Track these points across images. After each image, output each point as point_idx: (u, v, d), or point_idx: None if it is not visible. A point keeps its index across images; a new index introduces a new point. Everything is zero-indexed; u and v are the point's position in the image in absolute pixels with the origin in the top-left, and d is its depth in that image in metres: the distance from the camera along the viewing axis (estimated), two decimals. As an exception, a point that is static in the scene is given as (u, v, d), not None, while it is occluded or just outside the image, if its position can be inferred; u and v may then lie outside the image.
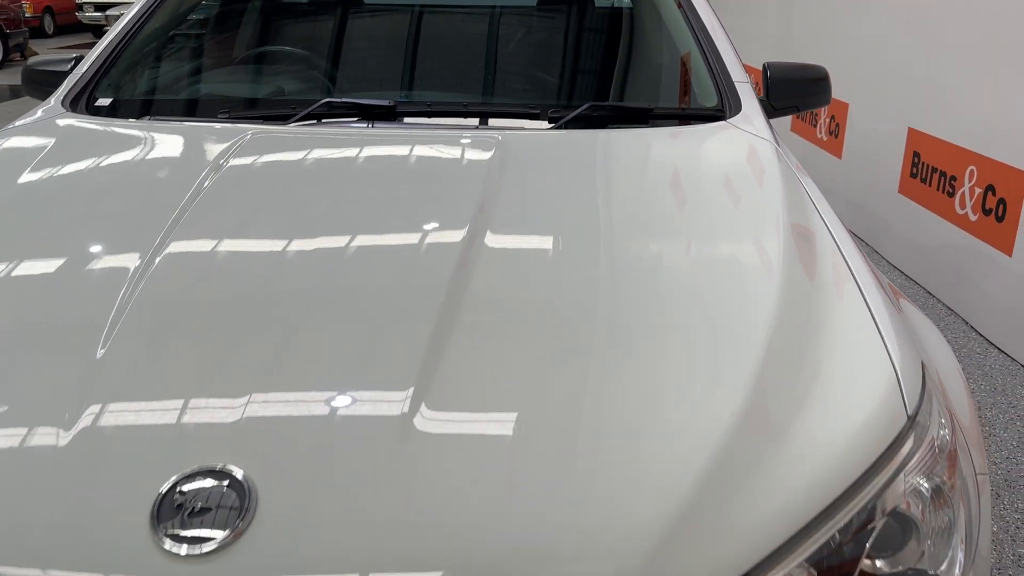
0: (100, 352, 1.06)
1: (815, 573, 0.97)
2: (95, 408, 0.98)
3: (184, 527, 0.86)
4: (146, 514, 0.87)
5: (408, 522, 0.88)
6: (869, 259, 1.52)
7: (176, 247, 1.29)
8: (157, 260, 1.25)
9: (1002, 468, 2.62)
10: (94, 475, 0.91)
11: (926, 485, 1.08)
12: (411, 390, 1.01)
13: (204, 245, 1.29)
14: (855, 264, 1.40)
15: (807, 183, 1.71)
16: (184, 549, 0.84)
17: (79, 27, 16.96)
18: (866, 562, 1.03)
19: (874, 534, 1.02)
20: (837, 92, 5.16)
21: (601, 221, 1.43)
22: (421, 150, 1.68)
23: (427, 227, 1.36)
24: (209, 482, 0.89)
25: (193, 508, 0.87)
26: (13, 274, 1.23)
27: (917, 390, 1.14)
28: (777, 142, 1.87)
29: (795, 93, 2.24)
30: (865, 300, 1.28)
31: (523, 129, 1.86)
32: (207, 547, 0.85)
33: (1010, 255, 3.40)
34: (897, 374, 1.13)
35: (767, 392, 1.07)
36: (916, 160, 4.19)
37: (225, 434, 0.95)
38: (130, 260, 1.26)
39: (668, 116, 1.99)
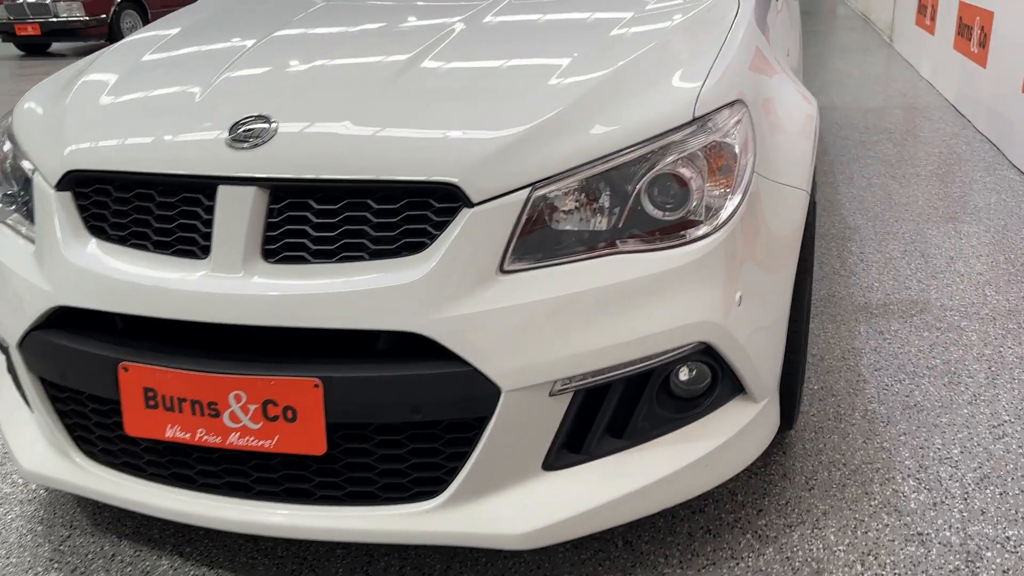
0: (225, 71, 1.86)
1: (603, 186, 1.57)
2: (216, 86, 1.80)
3: (240, 138, 1.61)
4: (224, 132, 1.63)
5: (360, 137, 1.58)
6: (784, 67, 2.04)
7: (279, 35, 2.09)
8: (265, 39, 2.06)
9: (989, 221, 2.94)
10: (201, 115, 1.70)
11: (703, 163, 1.64)
12: (403, 61, 1.77)
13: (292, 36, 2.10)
14: (745, 35, 1.94)
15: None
16: (236, 146, 1.60)
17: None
18: (655, 211, 1.61)
19: (647, 178, 1.59)
20: (983, 1, 5.24)
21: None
22: None
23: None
24: (257, 121, 1.64)
25: (246, 131, 1.62)
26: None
27: (713, 107, 1.68)
28: None
29: None
30: (718, 53, 1.83)
31: None
32: (249, 144, 1.59)
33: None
34: (700, 93, 1.68)
35: (603, 85, 1.67)
36: (1037, 58, 4.29)
37: (265, 98, 1.72)
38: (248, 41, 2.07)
39: None
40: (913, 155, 4.73)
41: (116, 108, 1.83)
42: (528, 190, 1.54)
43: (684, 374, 1.70)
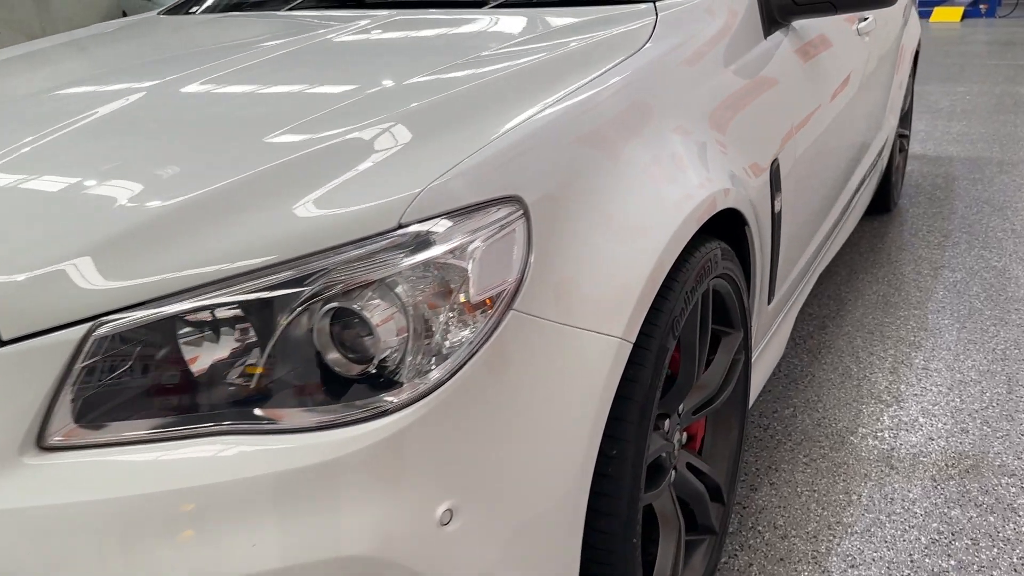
0: None
1: (227, 323, 1.02)
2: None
3: None
4: None
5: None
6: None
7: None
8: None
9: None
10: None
11: (408, 293, 1.04)
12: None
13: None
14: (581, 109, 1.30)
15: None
16: None
17: None
18: (329, 364, 1.04)
19: (306, 314, 1.02)
20: None
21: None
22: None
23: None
24: None
25: None
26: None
27: (448, 208, 1.08)
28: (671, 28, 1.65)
29: None
30: (512, 123, 1.22)
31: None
32: None
33: None
34: (427, 188, 1.08)
35: (295, 163, 1.15)
36: None
37: None
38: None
39: None
40: (1064, 228, 3.73)
41: None
42: (88, 325, 1.01)
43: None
